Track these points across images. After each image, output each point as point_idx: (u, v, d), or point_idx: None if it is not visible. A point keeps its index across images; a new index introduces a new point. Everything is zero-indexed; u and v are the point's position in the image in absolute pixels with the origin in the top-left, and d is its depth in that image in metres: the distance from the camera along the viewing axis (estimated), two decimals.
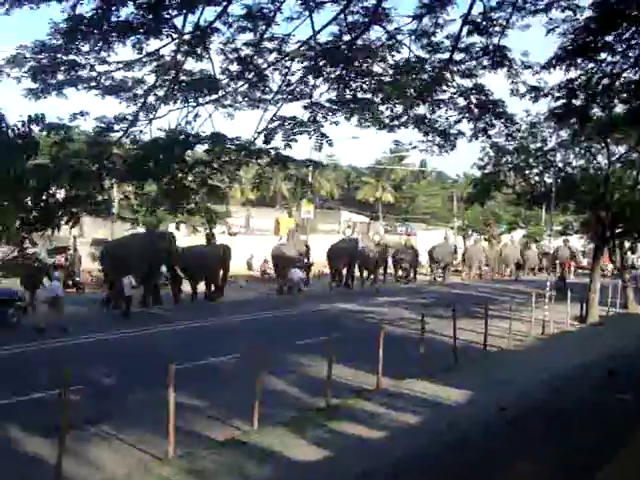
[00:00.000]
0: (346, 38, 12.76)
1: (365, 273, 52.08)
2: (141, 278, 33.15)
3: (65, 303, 28.08)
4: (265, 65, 13.46)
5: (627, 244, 43.94)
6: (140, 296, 33.53)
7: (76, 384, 15.11)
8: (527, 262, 67.06)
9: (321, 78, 13.40)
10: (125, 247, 34.54)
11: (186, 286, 37.85)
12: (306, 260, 47.17)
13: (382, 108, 14.19)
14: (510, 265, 66.41)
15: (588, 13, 13.66)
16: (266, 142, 13.62)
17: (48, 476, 11.52)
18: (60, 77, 12.52)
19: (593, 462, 11.24)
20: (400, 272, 56.13)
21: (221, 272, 40.04)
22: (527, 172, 36.49)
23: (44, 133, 10.94)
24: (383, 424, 15.39)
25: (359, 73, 13.34)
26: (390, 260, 55.69)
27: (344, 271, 49.79)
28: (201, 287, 39.04)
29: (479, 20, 13.20)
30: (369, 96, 13.67)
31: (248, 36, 12.97)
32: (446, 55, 13.71)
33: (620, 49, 14.33)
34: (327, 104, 13.94)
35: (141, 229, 45.27)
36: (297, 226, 50.64)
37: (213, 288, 39.39)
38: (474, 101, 14.74)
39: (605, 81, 15.80)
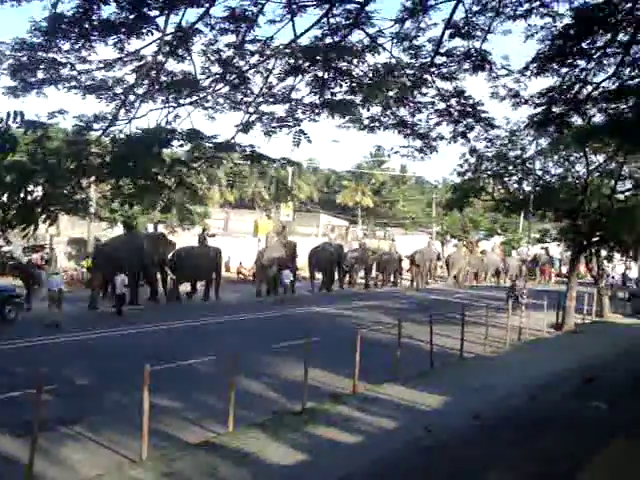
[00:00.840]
0: (328, 41, 12.75)
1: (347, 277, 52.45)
2: (132, 277, 33.94)
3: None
4: (247, 67, 13.40)
5: (604, 252, 44.25)
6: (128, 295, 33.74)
7: (58, 382, 15.11)
8: (508, 269, 67.55)
9: (301, 77, 13.37)
10: (119, 247, 35.30)
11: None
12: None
13: (362, 110, 14.23)
14: (490, 272, 66.98)
15: (567, 20, 13.78)
16: (244, 131, 13.55)
17: (19, 477, 11.40)
18: (40, 75, 12.44)
19: (567, 470, 11.28)
20: (384, 276, 56.56)
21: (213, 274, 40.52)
22: (506, 179, 36.74)
23: (22, 130, 10.82)
24: (359, 428, 15.39)
25: (339, 73, 13.33)
26: (374, 265, 56.05)
27: (324, 274, 50.10)
28: (183, 287, 39.45)
29: (461, 24, 13.24)
30: (349, 97, 13.65)
31: (230, 38, 12.94)
32: (427, 59, 13.74)
33: (595, 56, 14.44)
34: (309, 107, 13.93)
35: (120, 228, 45.28)
36: (284, 229, 50.69)
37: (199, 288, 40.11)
38: (454, 104, 14.79)
39: (585, 90, 15.91)
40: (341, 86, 13.44)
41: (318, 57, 12.62)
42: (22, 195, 11.04)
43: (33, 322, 27.73)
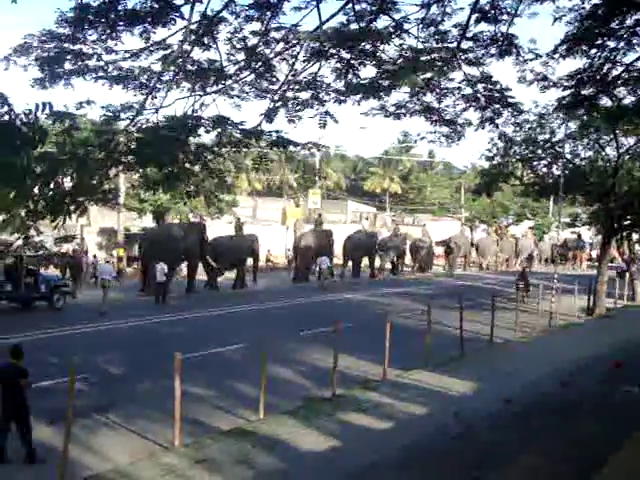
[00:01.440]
0: (353, 27, 12.68)
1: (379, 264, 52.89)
2: (173, 266, 35.69)
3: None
4: (272, 55, 13.38)
5: (635, 236, 43.76)
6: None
7: (95, 370, 15.21)
8: (542, 254, 67.24)
9: (325, 61, 13.29)
10: (163, 235, 36.71)
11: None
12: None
13: (388, 97, 14.14)
14: (523, 257, 66.83)
15: (595, 1, 13.62)
16: (268, 120, 13.56)
17: (55, 463, 11.55)
18: (67, 66, 12.52)
19: (598, 455, 11.22)
20: (417, 263, 57.00)
21: (251, 261, 42.04)
22: (535, 163, 36.45)
23: (50, 122, 10.89)
24: (389, 414, 15.39)
25: (364, 55, 13.22)
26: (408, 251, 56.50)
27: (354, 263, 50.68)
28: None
29: (487, 8, 13.12)
30: (375, 79, 13.56)
31: (255, 26, 12.93)
32: (454, 44, 13.63)
33: (625, 35, 14.27)
34: (335, 94, 13.88)
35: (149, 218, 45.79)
36: (320, 216, 52.43)
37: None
38: (481, 90, 14.66)
39: (614, 71, 15.75)
40: (365, 67, 13.37)
41: (344, 40, 12.53)
42: (52, 186, 11.14)
43: (79, 309, 29.69)
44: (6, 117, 9.78)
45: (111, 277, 30.74)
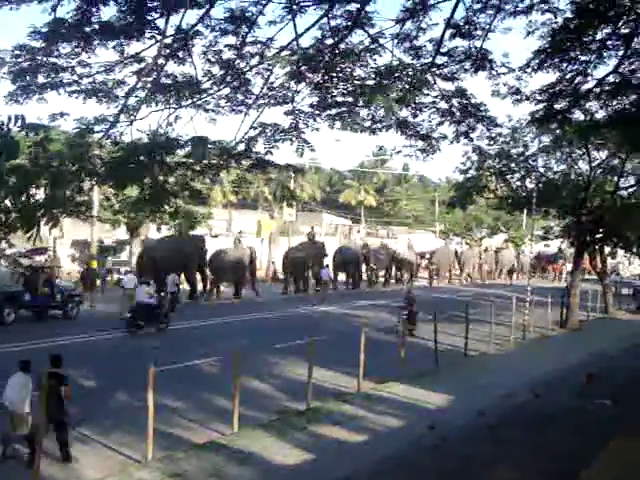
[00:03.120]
0: (329, 42, 12.72)
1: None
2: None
3: None
4: (247, 69, 13.39)
5: (607, 249, 44.13)
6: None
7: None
8: (523, 266, 67.82)
9: (303, 83, 13.34)
10: (163, 248, 37.81)
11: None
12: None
13: (364, 113, 14.19)
14: (505, 269, 67.29)
15: (567, 15, 13.78)
16: (247, 149, 13.59)
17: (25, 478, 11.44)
18: (41, 79, 12.43)
19: (572, 467, 11.30)
20: (401, 275, 58.13)
21: (248, 274, 42.81)
22: (508, 177, 36.65)
23: (23, 134, 10.83)
24: (364, 427, 15.40)
25: (341, 78, 13.28)
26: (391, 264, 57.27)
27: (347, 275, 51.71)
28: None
29: (462, 23, 13.22)
30: (351, 100, 13.62)
31: (230, 40, 12.93)
32: (428, 59, 13.72)
33: (596, 49, 14.44)
34: (309, 109, 13.90)
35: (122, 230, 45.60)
36: (312, 229, 54.00)
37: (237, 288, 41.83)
38: (456, 104, 14.76)
39: (586, 85, 15.91)
40: (344, 94, 13.41)
41: (319, 62, 12.56)
42: (24, 198, 11.07)
43: (93, 318, 30.73)
44: None
45: (134, 287, 31.31)
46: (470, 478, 11.98)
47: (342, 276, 51.76)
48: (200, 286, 40.43)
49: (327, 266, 47.20)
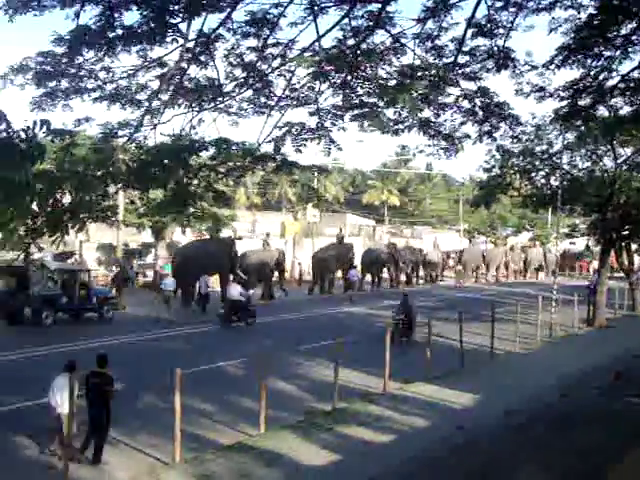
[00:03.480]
0: (351, 42, 12.71)
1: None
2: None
3: None
4: (269, 70, 13.41)
5: (634, 246, 43.73)
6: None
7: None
8: (550, 265, 67.44)
9: (326, 84, 13.33)
10: (195, 251, 38.85)
11: None
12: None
13: (387, 112, 14.15)
14: (532, 267, 66.95)
15: (590, 11, 13.69)
16: (276, 150, 13.61)
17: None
18: (64, 84, 12.53)
19: (600, 466, 11.21)
20: (427, 275, 58.42)
21: (276, 274, 44.12)
22: (533, 175, 36.45)
23: (49, 139, 10.93)
24: (390, 427, 15.39)
25: (364, 78, 13.26)
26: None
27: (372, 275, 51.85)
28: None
29: (483, 22, 13.17)
30: (374, 100, 13.57)
31: (252, 42, 12.97)
32: (450, 59, 13.67)
33: (620, 44, 14.32)
34: (333, 110, 13.89)
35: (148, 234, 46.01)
36: (340, 230, 55.53)
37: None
38: (478, 104, 14.69)
39: (611, 81, 15.79)
40: (368, 93, 13.38)
41: (342, 62, 12.55)
42: (50, 203, 11.17)
43: (127, 321, 31.49)
44: (4, 134, 9.81)
45: (172, 289, 33.60)
46: (497, 478, 11.93)
47: (368, 277, 51.77)
48: None
49: (356, 267, 47.66)
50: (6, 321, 28.82)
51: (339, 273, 48.70)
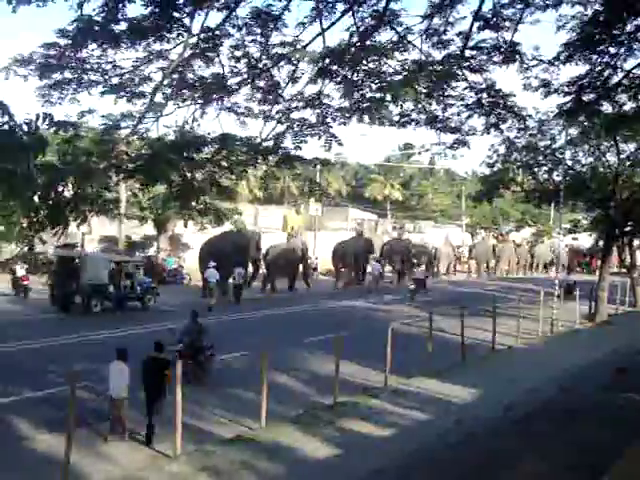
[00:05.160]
0: (355, 39, 12.64)
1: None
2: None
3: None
4: (272, 64, 13.34)
5: (636, 242, 43.66)
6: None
7: None
8: (558, 260, 67.33)
9: (329, 80, 13.26)
10: (223, 243, 39.75)
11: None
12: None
13: (392, 107, 14.10)
14: (541, 263, 66.89)
15: (595, 7, 13.67)
16: (275, 145, 13.59)
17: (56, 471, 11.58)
18: (68, 75, 12.51)
19: (600, 461, 11.19)
20: (438, 269, 58.89)
21: (301, 267, 45.31)
22: (536, 170, 36.41)
23: (51, 131, 10.92)
24: (391, 421, 15.40)
25: (368, 73, 13.21)
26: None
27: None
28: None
29: (489, 16, 13.13)
30: (379, 95, 13.50)
31: (257, 38, 12.89)
32: (457, 52, 13.62)
33: (625, 41, 14.31)
34: (337, 104, 13.84)
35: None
36: (359, 224, 58.63)
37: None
38: (485, 96, 14.66)
39: (615, 77, 15.77)
40: (370, 87, 13.33)
41: (345, 57, 12.50)
42: (53, 195, 11.18)
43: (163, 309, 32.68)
44: (6, 127, 9.82)
45: (215, 280, 35.04)
46: (497, 472, 11.92)
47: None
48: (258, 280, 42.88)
49: (379, 261, 48.68)
50: (58, 308, 31.03)
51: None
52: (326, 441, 13.85)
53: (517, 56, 13.86)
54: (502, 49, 13.65)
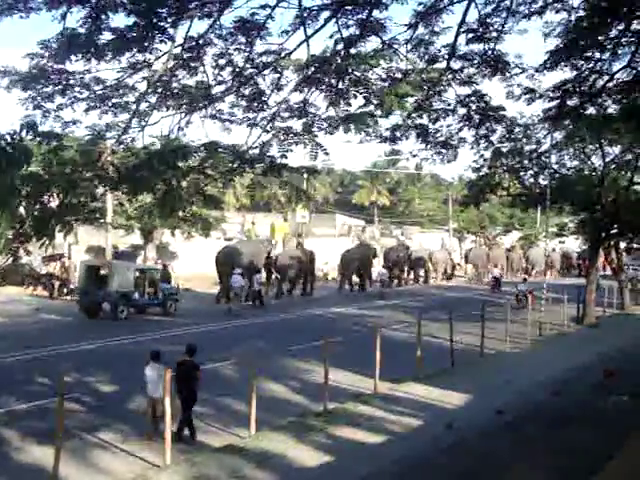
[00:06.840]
0: (340, 48, 12.60)
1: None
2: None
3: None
4: (256, 73, 13.28)
5: (623, 245, 43.83)
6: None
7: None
8: (553, 264, 67.42)
9: (315, 88, 13.20)
10: (238, 252, 41.68)
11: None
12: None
13: (381, 121, 14.02)
14: (536, 268, 66.94)
15: (581, 14, 13.75)
16: (261, 154, 13.54)
17: None
18: (51, 88, 12.41)
19: (590, 464, 11.22)
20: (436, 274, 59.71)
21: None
22: (522, 174, 36.49)
23: (35, 143, 10.86)
24: (381, 428, 15.37)
25: (353, 82, 13.13)
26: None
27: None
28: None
29: (475, 27, 13.15)
30: (367, 109, 13.38)
31: (240, 45, 12.85)
32: (443, 64, 13.63)
33: (610, 46, 14.39)
34: (322, 115, 13.77)
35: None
36: (362, 231, 61.45)
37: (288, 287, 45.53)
38: (474, 108, 14.67)
39: (600, 81, 15.84)
40: (356, 97, 13.27)
41: (331, 66, 12.45)
42: (38, 206, 11.11)
43: (185, 314, 34.19)
44: None
45: (239, 285, 37.59)
46: (489, 477, 11.93)
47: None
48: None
49: (387, 267, 51.73)
50: (86, 314, 32.71)
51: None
52: (317, 448, 13.80)
53: (502, 65, 13.89)
54: (487, 59, 13.67)
